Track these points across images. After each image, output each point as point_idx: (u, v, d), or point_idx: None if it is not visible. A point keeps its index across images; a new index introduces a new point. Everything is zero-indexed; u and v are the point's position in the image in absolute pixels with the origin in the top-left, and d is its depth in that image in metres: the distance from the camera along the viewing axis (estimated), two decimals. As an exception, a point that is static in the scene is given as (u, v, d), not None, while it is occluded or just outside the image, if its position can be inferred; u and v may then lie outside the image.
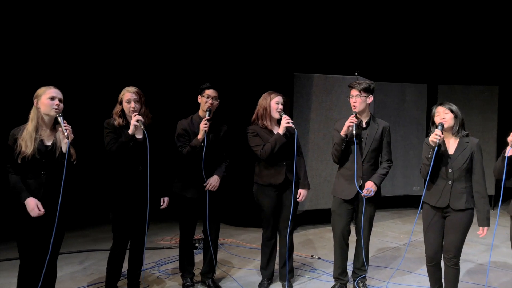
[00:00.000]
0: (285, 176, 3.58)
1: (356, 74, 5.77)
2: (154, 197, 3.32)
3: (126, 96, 3.23)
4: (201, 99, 3.58)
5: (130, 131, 3.17)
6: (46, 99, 2.79)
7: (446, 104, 3.09)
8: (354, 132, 3.39)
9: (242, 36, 5.68)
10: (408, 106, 6.95)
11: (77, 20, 5.52)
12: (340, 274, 3.68)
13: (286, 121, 3.47)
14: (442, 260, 3.20)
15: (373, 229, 3.73)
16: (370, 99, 3.47)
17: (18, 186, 2.75)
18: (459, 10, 6.75)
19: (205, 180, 3.52)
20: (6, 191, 2.79)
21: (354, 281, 3.72)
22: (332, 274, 3.78)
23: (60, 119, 2.79)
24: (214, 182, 3.56)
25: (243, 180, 5.46)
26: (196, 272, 3.82)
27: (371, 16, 6.78)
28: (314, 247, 5.06)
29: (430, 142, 2.99)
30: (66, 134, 2.75)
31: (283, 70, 5.53)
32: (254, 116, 3.66)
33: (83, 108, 5.34)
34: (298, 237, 4.60)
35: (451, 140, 3.11)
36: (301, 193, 3.66)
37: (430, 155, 3.00)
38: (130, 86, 3.30)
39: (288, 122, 3.46)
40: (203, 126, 3.42)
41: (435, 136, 2.96)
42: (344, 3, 6.44)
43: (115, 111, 3.27)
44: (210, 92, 3.54)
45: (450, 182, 3.06)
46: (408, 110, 6.94)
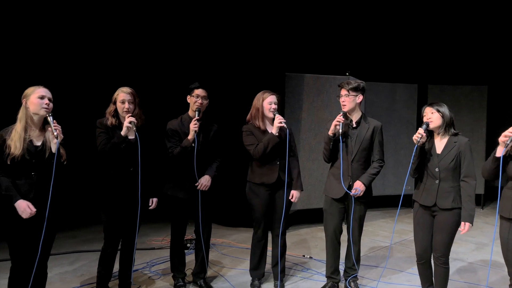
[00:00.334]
0: (278, 175, 3.57)
1: (347, 74, 5.79)
2: (143, 197, 3.30)
3: (121, 96, 3.21)
4: (190, 99, 3.56)
5: (122, 133, 3.15)
6: (35, 98, 2.76)
7: (435, 104, 3.11)
8: (341, 131, 3.40)
9: (233, 35, 5.67)
10: (398, 106, 7.01)
11: (66, 19, 5.47)
12: (332, 273, 3.68)
13: (278, 120, 3.47)
14: (432, 258, 3.23)
15: (364, 228, 3.74)
16: (360, 99, 3.48)
17: (8, 188, 2.70)
18: (449, 11, 6.82)
19: (197, 180, 3.51)
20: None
21: (346, 280, 3.73)
22: (324, 273, 3.80)
23: (50, 119, 2.76)
24: (205, 182, 3.55)
25: (234, 179, 5.45)
26: (187, 272, 3.81)
27: (363, 16, 6.81)
28: (306, 247, 5.06)
29: (413, 139, 3.05)
30: (55, 134, 2.72)
31: (275, 70, 5.53)
32: (248, 115, 3.66)
33: (73, 107, 5.29)
34: (290, 236, 4.61)
35: (440, 139, 3.13)
36: (293, 194, 3.65)
37: (414, 153, 3.07)
38: (125, 86, 3.28)
39: (280, 122, 3.46)
40: (193, 126, 3.40)
41: (417, 134, 3.02)
42: (335, 4, 6.46)
43: (109, 111, 3.24)
44: (199, 91, 3.52)
45: (437, 181, 3.08)
46: (398, 110, 7.01)
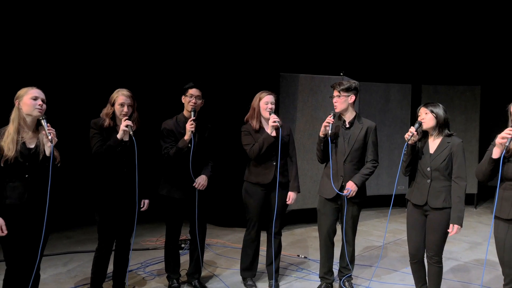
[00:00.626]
0: (273, 176, 3.58)
1: (341, 74, 5.80)
2: (135, 198, 3.30)
3: (120, 99, 3.18)
4: (184, 99, 3.55)
5: (119, 136, 3.13)
6: (28, 99, 2.74)
7: (430, 105, 3.12)
8: (330, 132, 3.41)
9: (227, 36, 5.66)
10: (392, 105, 7.04)
11: (59, 20, 5.43)
12: (326, 274, 3.69)
13: (272, 120, 3.48)
14: (425, 258, 3.24)
15: (358, 228, 3.75)
16: (352, 99, 3.49)
17: None
18: (443, 12, 6.85)
19: (193, 180, 3.51)
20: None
21: (340, 280, 3.74)
22: (318, 273, 3.80)
23: (43, 122, 2.74)
24: (203, 181, 3.54)
25: (229, 180, 5.45)
26: (182, 273, 3.80)
27: (357, 17, 6.83)
28: (301, 247, 5.07)
29: (405, 138, 3.08)
30: (50, 138, 2.70)
31: (269, 70, 5.53)
32: (247, 115, 3.67)
33: (66, 107, 5.26)
34: (284, 236, 4.60)
35: (433, 139, 3.16)
36: (290, 196, 3.66)
37: (404, 151, 3.11)
38: (121, 88, 3.25)
39: (274, 121, 3.46)
40: (190, 127, 3.39)
41: (409, 132, 3.06)
42: (330, 4, 6.47)
43: (106, 112, 3.21)
44: (194, 91, 3.51)
45: (428, 180, 3.11)
46: (392, 110, 7.03)
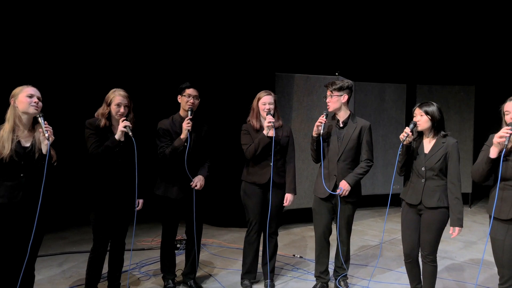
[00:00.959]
0: (270, 176, 3.58)
1: (336, 74, 5.82)
2: (129, 199, 3.30)
3: (117, 99, 3.17)
4: (181, 99, 3.54)
5: (117, 137, 3.12)
6: (24, 97, 2.73)
7: (425, 105, 3.11)
8: (322, 131, 3.42)
9: (223, 35, 5.66)
10: (387, 105, 7.07)
11: (55, 19, 5.42)
12: (321, 273, 3.70)
13: (267, 120, 3.48)
14: (420, 257, 3.25)
15: (354, 227, 3.75)
16: (345, 98, 3.50)
17: None
18: (437, 12, 6.88)
19: (191, 179, 3.50)
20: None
21: (336, 279, 3.75)
22: (314, 273, 3.81)
23: (41, 120, 2.73)
24: (200, 181, 3.53)
25: (225, 180, 5.46)
26: (177, 273, 3.79)
27: (352, 17, 6.85)
28: (296, 246, 5.08)
29: (400, 138, 3.08)
30: (46, 135, 2.69)
31: (265, 70, 5.54)
32: (249, 115, 3.69)
33: (60, 106, 5.23)
34: (281, 236, 4.59)
35: (428, 140, 3.17)
36: (287, 197, 3.66)
37: (399, 151, 3.12)
38: (116, 88, 3.23)
39: (269, 122, 3.47)
40: (186, 126, 3.39)
41: (404, 133, 3.06)
42: (325, 4, 6.48)
43: (102, 112, 3.19)
44: (191, 91, 3.51)
45: (423, 180, 3.12)
46: (387, 110, 7.06)
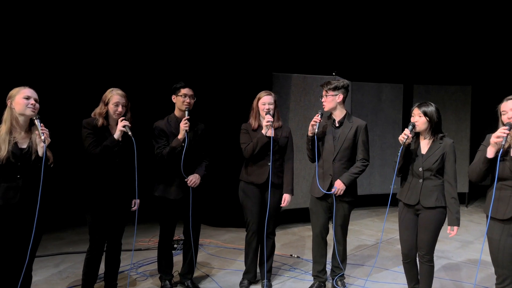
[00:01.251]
0: (268, 176, 3.58)
1: (333, 74, 5.83)
2: (126, 199, 3.29)
3: (115, 98, 3.16)
4: (176, 99, 3.52)
5: (116, 136, 3.11)
6: (20, 99, 2.72)
7: (423, 106, 3.11)
8: (317, 131, 3.43)
9: (220, 35, 5.65)
10: (384, 105, 7.08)
11: (51, 19, 5.39)
12: (319, 272, 3.70)
13: (266, 120, 3.48)
14: (417, 256, 3.26)
15: (350, 227, 3.76)
16: (340, 98, 3.51)
17: None
18: (434, 12, 6.89)
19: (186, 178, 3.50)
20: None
21: (333, 279, 3.75)
22: (311, 272, 3.81)
23: (37, 122, 2.72)
24: (195, 178, 3.51)
25: (222, 180, 5.45)
26: (174, 273, 3.79)
27: (349, 17, 6.85)
28: (294, 246, 5.08)
29: (399, 140, 3.07)
30: (42, 138, 2.68)
31: (262, 70, 5.54)
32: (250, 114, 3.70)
33: (56, 107, 5.21)
34: (278, 236, 4.61)
35: (425, 140, 3.17)
36: (285, 198, 3.67)
37: (399, 153, 3.10)
38: (114, 87, 3.22)
39: (268, 121, 3.47)
40: (184, 126, 3.37)
41: (403, 135, 3.05)
42: (322, 4, 6.49)
43: (99, 112, 3.18)
44: (186, 90, 3.48)
45: (421, 180, 3.12)
46: (384, 110, 7.08)
